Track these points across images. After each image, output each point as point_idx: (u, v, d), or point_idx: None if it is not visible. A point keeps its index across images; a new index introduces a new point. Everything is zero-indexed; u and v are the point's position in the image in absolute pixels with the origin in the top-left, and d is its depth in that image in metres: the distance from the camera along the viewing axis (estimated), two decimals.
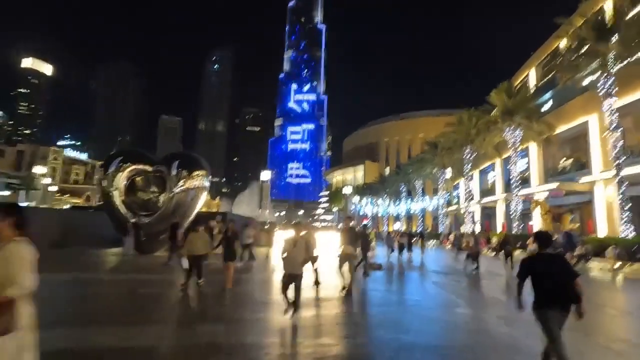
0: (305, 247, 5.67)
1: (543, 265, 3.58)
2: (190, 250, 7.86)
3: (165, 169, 14.94)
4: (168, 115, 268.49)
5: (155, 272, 10.01)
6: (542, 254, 3.73)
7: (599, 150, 26.26)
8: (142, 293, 7.33)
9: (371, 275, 12.03)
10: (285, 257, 5.63)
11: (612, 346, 5.02)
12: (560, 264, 3.62)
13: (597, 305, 7.89)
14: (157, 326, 4.93)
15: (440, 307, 6.98)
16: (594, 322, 6.28)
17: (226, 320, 5.49)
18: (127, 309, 6.08)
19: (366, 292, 8.49)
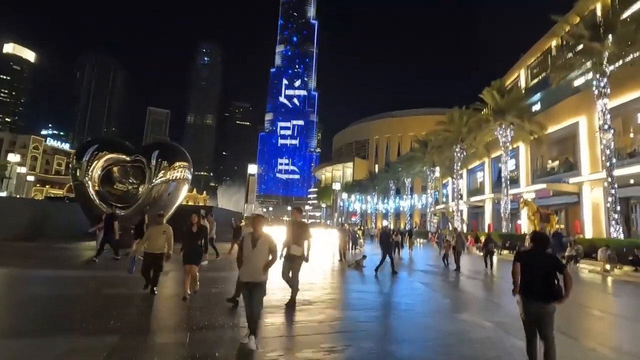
0: (270, 248, 4.48)
1: (532, 260, 3.90)
2: (149, 247, 6.60)
3: (144, 159, 14.10)
4: (156, 107, 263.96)
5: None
6: (535, 251, 3.99)
7: (587, 152, 26.36)
8: (107, 294, 6.57)
9: (362, 268, 11.56)
10: (243, 261, 4.44)
11: (598, 349, 4.81)
12: (547, 261, 3.87)
13: (586, 307, 7.57)
14: (112, 337, 4.24)
15: (435, 312, 6.44)
16: (581, 325, 6.05)
17: (187, 329, 4.80)
18: (84, 313, 5.19)
19: (354, 294, 7.91)
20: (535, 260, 3.88)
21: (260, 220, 4.61)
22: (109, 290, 6.77)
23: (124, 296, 6.39)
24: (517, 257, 4.08)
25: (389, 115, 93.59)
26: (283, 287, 7.61)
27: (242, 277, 4.45)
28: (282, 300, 6.50)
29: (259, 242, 4.45)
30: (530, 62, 44.18)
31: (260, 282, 4.45)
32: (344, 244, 14.95)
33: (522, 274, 3.87)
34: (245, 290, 4.48)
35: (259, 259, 4.41)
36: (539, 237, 4.12)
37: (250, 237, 4.51)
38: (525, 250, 4.40)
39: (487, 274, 12.86)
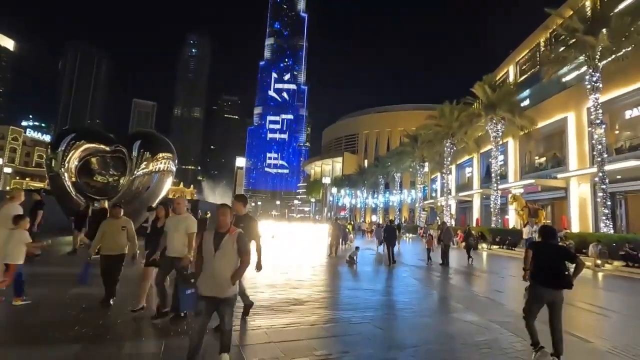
0: (239, 248, 3.31)
1: (544, 249, 4.16)
2: (105, 247, 5.21)
3: (125, 149, 13.38)
4: (142, 99, 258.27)
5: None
6: (546, 242, 4.25)
7: (575, 147, 26.52)
8: (75, 294, 5.75)
9: (355, 264, 11.17)
10: (202, 267, 3.33)
11: (585, 346, 4.68)
12: (559, 251, 4.18)
13: (576, 303, 7.32)
14: (74, 347, 3.69)
15: (434, 311, 6.05)
16: (572, 321, 5.74)
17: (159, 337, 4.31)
18: (45, 317, 4.51)
19: (346, 291, 7.48)
20: (547, 250, 4.14)
21: (225, 211, 3.38)
22: (77, 290, 6.13)
23: (93, 297, 5.78)
24: (529, 246, 4.41)
25: (378, 110, 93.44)
26: (269, 283, 7.20)
27: (201, 290, 3.27)
28: (269, 299, 6.04)
29: (224, 241, 3.27)
30: (519, 58, 44.35)
31: (227, 297, 3.28)
32: (336, 239, 14.55)
33: (535, 262, 4.13)
34: (205, 306, 3.26)
35: (223, 265, 3.23)
36: (548, 229, 4.40)
37: (212, 235, 3.33)
38: (537, 241, 4.58)
39: (478, 270, 12.64)
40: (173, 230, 4.76)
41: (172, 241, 4.73)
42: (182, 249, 4.71)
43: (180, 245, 4.72)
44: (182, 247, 4.72)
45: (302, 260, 12.44)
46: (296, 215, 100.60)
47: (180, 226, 4.76)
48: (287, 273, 9.06)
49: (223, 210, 3.40)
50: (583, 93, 25.46)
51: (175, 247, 4.71)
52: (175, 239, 4.73)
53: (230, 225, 3.41)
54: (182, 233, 4.74)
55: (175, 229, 4.75)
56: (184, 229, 4.75)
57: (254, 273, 9.24)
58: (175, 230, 4.74)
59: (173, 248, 4.72)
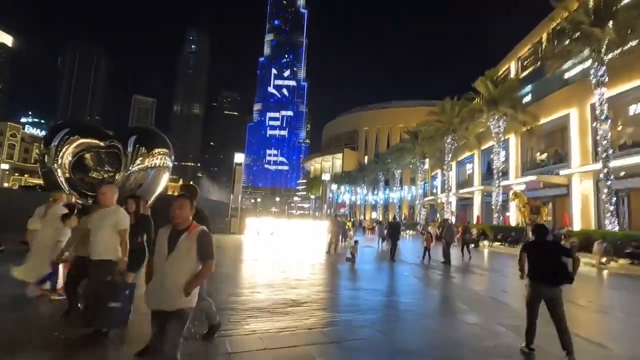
0: (201, 249, 2.69)
1: (538, 248, 4.25)
2: (79, 248, 4.43)
3: (120, 144, 13.06)
4: (141, 96, 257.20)
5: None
6: (538, 240, 4.35)
7: (577, 144, 26.24)
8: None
9: (354, 263, 10.90)
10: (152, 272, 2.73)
11: (601, 352, 4.43)
12: (553, 248, 4.28)
13: (582, 302, 7.11)
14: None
15: (438, 313, 5.76)
16: (583, 323, 5.58)
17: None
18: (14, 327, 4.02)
19: (346, 291, 7.19)
20: (541, 248, 4.24)
21: (182, 203, 2.76)
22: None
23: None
24: (524, 248, 4.46)
25: (378, 107, 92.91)
26: (267, 283, 6.93)
27: (148, 302, 2.66)
28: (265, 300, 5.74)
29: (180, 240, 2.66)
30: (521, 54, 43.97)
31: (177, 310, 2.60)
32: (335, 236, 14.27)
33: (530, 261, 4.21)
34: (153, 322, 2.70)
35: (176, 270, 2.62)
36: (539, 228, 4.48)
37: (168, 234, 2.73)
38: (530, 241, 4.61)
39: (481, 268, 12.38)
40: (97, 227, 3.87)
41: (95, 240, 3.85)
42: (110, 250, 3.86)
43: (106, 245, 3.84)
44: (109, 247, 3.85)
45: (301, 257, 12.17)
46: (296, 212, 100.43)
47: (105, 221, 3.86)
48: (285, 272, 8.78)
49: (180, 203, 2.75)
50: (586, 89, 25.12)
51: (99, 248, 3.84)
52: (100, 237, 3.84)
53: (191, 221, 2.78)
54: (110, 230, 3.85)
55: (99, 226, 3.87)
56: (112, 225, 3.86)
57: (252, 272, 9.03)
58: (100, 227, 3.86)
59: (97, 249, 3.85)
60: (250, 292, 6.33)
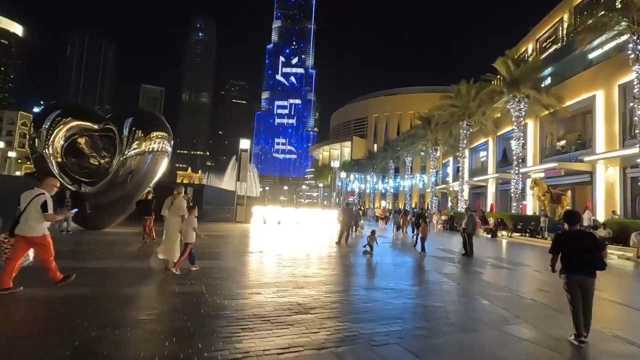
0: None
1: (574, 240, 4.28)
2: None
3: (115, 128, 12.13)
4: (150, 85, 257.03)
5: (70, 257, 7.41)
6: (572, 230, 4.38)
7: (603, 128, 24.68)
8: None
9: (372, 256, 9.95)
10: None
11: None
12: (589, 239, 4.32)
13: (612, 299, 6.21)
14: None
15: (479, 323, 4.65)
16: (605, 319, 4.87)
17: None
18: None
19: (362, 292, 6.19)
20: (576, 239, 4.26)
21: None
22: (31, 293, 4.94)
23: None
24: (557, 239, 4.45)
25: (388, 93, 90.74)
26: (271, 281, 5.74)
27: None
28: (267, 304, 4.75)
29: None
30: (539, 36, 41.96)
31: None
32: (347, 227, 13.24)
33: (566, 252, 4.22)
34: None
35: None
36: (570, 214, 4.50)
37: None
38: (563, 232, 4.56)
39: (507, 261, 11.28)
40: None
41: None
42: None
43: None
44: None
45: (309, 249, 11.21)
46: (304, 201, 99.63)
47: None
48: (291, 266, 7.82)
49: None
50: (614, 69, 23.42)
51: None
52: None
53: None
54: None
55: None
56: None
57: (255, 266, 8.10)
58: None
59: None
60: (250, 292, 5.37)
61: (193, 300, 4.80)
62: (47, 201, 4.90)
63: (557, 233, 4.84)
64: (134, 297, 4.87)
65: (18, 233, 4.79)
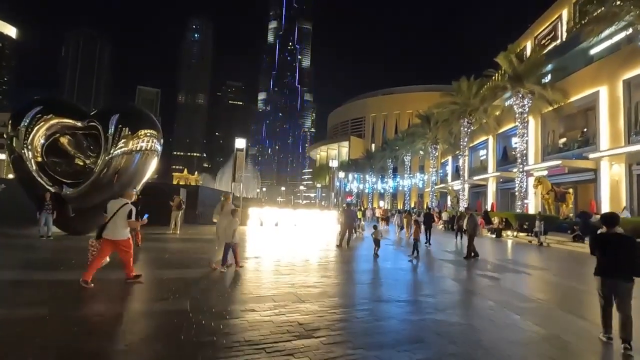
0: None
1: (612, 243, 4.13)
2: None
3: (100, 125, 11.31)
4: (145, 86, 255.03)
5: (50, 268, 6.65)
6: (610, 233, 4.22)
7: (607, 125, 24.14)
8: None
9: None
10: None
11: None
12: (628, 242, 4.12)
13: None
14: None
15: (517, 344, 3.89)
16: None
17: None
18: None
19: (370, 305, 5.42)
20: (614, 242, 4.13)
21: None
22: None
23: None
24: (595, 241, 4.31)
25: (386, 92, 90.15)
26: (267, 294, 4.82)
27: None
28: (262, 325, 3.98)
29: None
30: (537, 33, 41.53)
31: None
32: (349, 229, 12.47)
33: (603, 255, 4.12)
34: None
35: None
36: (608, 216, 4.39)
37: None
38: (601, 234, 4.36)
39: (521, 265, 10.54)
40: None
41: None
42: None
43: None
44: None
45: (308, 253, 10.43)
46: (302, 202, 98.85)
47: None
48: (290, 274, 7.05)
49: None
50: (618, 64, 22.88)
51: None
52: None
53: None
54: None
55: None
56: None
57: (250, 275, 7.31)
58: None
59: None
60: (243, 309, 4.60)
61: (174, 322, 4.02)
62: (132, 210, 5.76)
63: (594, 235, 4.50)
64: (103, 319, 4.08)
65: (105, 237, 5.56)
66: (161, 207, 14.15)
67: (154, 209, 10.86)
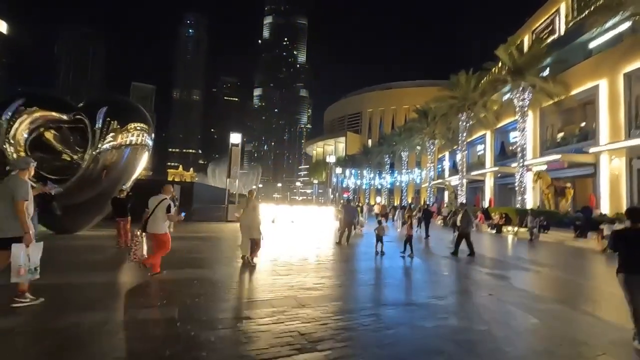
0: None
1: (637, 238, 3.94)
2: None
3: (87, 118, 10.77)
4: (140, 83, 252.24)
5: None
6: (635, 228, 4.01)
7: (606, 119, 23.93)
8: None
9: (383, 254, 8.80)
10: None
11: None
12: None
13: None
14: None
15: (546, 354, 3.51)
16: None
17: None
18: None
19: (385, 312, 4.98)
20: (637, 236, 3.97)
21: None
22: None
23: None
24: (617, 236, 4.15)
25: (382, 88, 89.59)
26: (264, 297, 4.30)
27: None
28: (256, 338, 3.49)
29: None
30: (535, 27, 41.22)
31: None
32: (348, 226, 12.03)
33: (625, 250, 3.99)
34: None
35: None
36: (634, 210, 4.23)
37: None
38: (625, 228, 4.24)
39: (530, 262, 10.17)
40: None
41: None
42: None
43: None
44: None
45: (306, 252, 9.99)
46: (298, 198, 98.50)
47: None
48: (288, 275, 6.60)
49: None
50: (619, 56, 22.59)
51: None
52: None
53: None
54: None
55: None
56: None
57: (244, 276, 6.83)
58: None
59: None
60: (237, 317, 4.14)
61: (160, 334, 3.57)
62: (170, 205, 6.11)
63: (616, 230, 4.33)
64: (78, 331, 3.61)
65: (149, 231, 6.01)
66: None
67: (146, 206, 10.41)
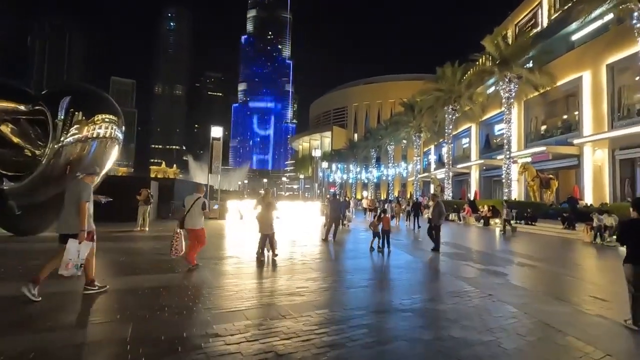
0: None
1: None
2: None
3: (48, 110, 9.80)
4: (120, 77, 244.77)
5: None
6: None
7: (590, 110, 24.09)
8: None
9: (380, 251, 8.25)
10: None
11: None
12: None
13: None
14: None
15: None
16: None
17: None
18: None
19: (372, 316, 4.39)
20: None
21: None
22: None
23: None
24: (625, 227, 4.19)
25: (368, 82, 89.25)
26: (239, 305, 3.48)
27: None
28: (227, 358, 2.88)
29: None
30: (518, 20, 41.47)
31: None
32: (334, 221, 11.44)
33: (633, 241, 3.97)
34: None
35: None
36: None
37: None
38: (632, 219, 4.13)
39: (525, 256, 9.80)
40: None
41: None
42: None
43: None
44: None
45: (292, 249, 9.37)
46: (285, 194, 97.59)
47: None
48: (270, 277, 5.98)
49: None
50: (601, 48, 22.67)
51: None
52: None
53: None
54: None
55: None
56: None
57: (222, 280, 6.09)
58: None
59: None
60: (203, 335, 3.48)
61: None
62: (205, 202, 6.68)
63: (623, 221, 4.40)
64: (10, 356, 2.89)
65: (187, 227, 6.52)
66: (129, 202, 12.91)
67: (120, 205, 9.63)
